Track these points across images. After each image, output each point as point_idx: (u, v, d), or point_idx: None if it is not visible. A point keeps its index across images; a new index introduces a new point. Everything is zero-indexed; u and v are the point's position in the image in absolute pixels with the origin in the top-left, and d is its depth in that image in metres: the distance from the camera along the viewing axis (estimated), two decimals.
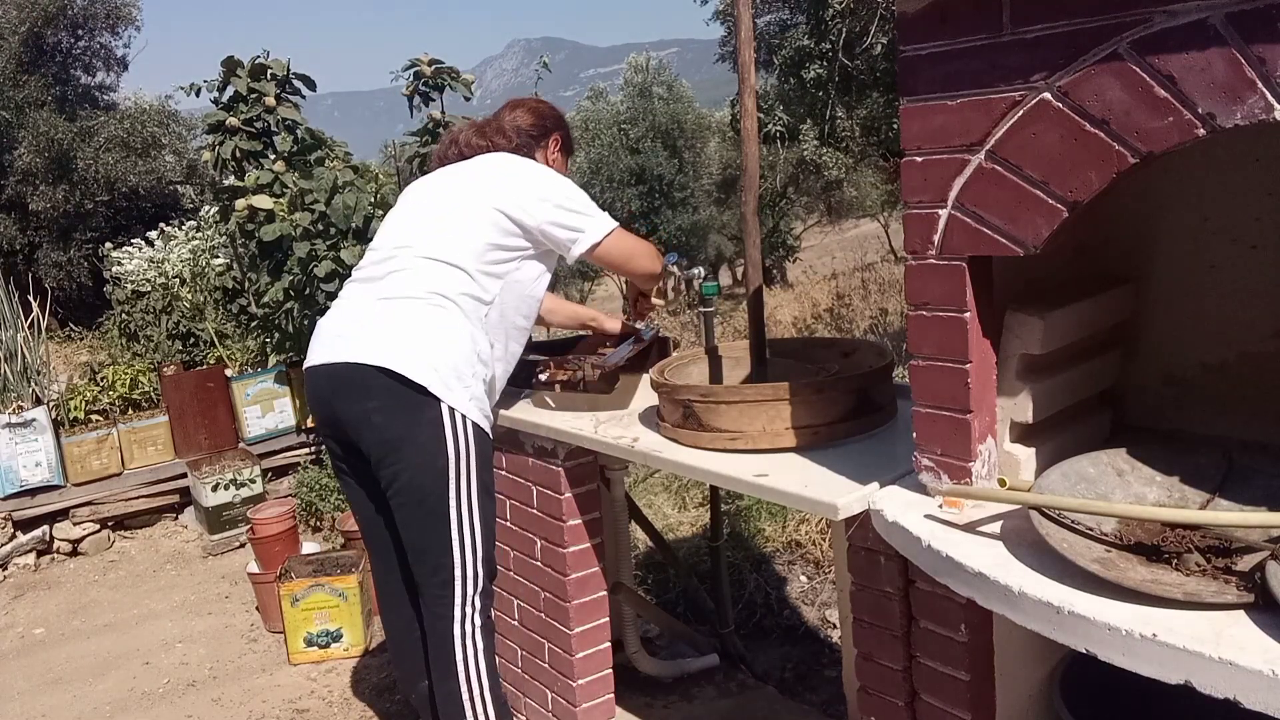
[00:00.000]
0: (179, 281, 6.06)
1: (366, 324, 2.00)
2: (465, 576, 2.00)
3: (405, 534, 2.03)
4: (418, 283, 2.01)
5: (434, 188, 2.20)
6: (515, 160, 2.20)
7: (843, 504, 1.54)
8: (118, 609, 3.92)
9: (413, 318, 1.98)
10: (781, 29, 11.90)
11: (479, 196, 2.09)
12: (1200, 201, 1.59)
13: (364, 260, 2.16)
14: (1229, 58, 1.07)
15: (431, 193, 2.19)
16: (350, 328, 2.02)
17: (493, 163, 2.19)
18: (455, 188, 2.15)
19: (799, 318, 9.36)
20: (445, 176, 2.21)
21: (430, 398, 1.93)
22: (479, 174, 2.16)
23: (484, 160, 2.21)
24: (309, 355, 2.09)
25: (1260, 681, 0.98)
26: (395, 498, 2.00)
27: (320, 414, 2.10)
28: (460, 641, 2.01)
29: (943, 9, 1.32)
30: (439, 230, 2.07)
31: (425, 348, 1.95)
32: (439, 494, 1.96)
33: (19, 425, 4.36)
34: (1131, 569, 1.22)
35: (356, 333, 2.00)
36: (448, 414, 1.95)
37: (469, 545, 2.00)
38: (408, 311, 1.99)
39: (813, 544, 3.51)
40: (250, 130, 4.87)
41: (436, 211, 2.12)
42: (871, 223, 20.43)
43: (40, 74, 13.04)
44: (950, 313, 1.40)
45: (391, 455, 1.95)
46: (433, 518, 1.97)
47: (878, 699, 1.63)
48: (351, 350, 1.97)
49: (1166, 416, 1.68)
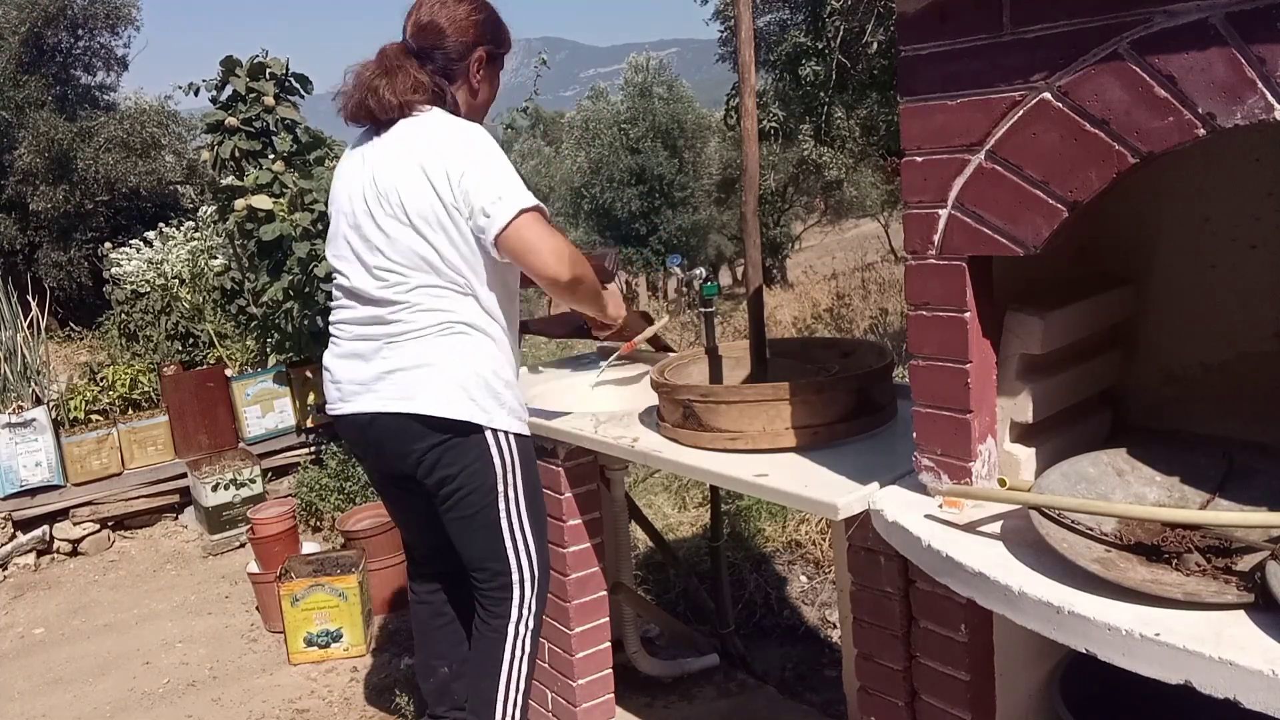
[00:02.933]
0: (178, 282, 6.07)
1: (386, 371, 1.97)
2: (524, 582, 2.05)
3: (461, 548, 2.07)
4: (417, 318, 1.95)
5: (369, 182, 1.97)
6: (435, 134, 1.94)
7: (843, 504, 1.54)
8: (118, 609, 3.92)
9: (430, 356, 1.94)
10: (781, 28, 11.90)
11: (421, 196, 1.90)
12: (1200, 201, 1.59)
13: (340, 284, 2.04)
14: (1229, 58, 1.07)
15: (371, 192, 1.96)
16: (369, 376, 1.99)
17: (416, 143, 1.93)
18: (393, 184, 1.93)
19: (799, 318, 9.35)
20: (376, 166, 1.97)
21: (474, 428, 1.96)
22: (407, 161, 1.92)
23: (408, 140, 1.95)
24: (331, 399, 2.09)
25: (1260, 681, 0.98)
26: (449, 513, 2.03)
27: (361, 453, 2.18)
28: (512, 645, 2.05)
29: (943, 9, 1.32)
30: (400, 247, 1.93)
31: (455, 380, 1.94)
32: (491, 508, 2.01)
33: (19, 425, 4.36)
34: (1131, 569, 1.22)
35: (380, 383, 1.97)
36: (491, 437, 1.98)
37: (523, 552, 2.05)
38: (423, 350, 1.95)
39: (813, 544, 3.51)
40: (249, 130, 4.86)
41: (386, 224, 1.94)
42: (871, 222, 20.43)
43: (40, 74, 13.03)
44: (950, 313, 1.40)
45: (445, 483, 1.99)
46: (487, 529, 2.02)
47: (878, 699, 1.64)
48: (383, 401, 1.97)
49: (1166, 416, 1.68)
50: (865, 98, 11.21)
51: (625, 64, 20.31)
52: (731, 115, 11.13)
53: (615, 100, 19.81)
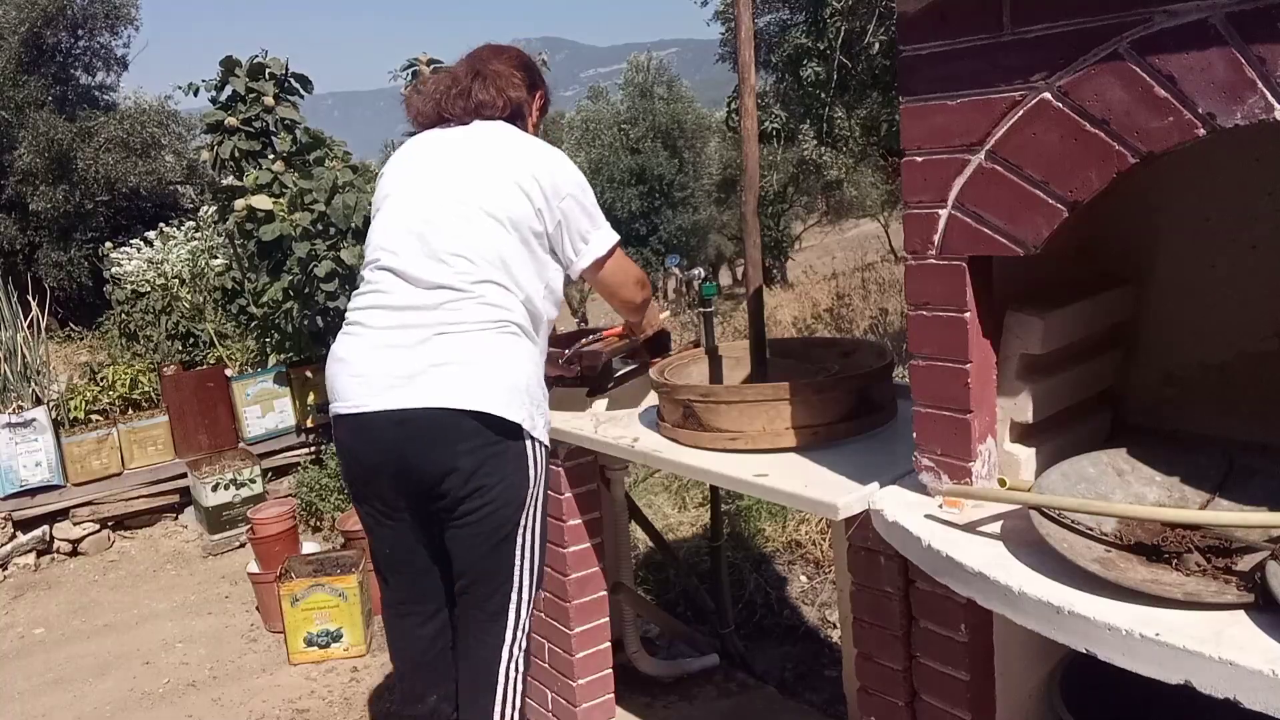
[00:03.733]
0: (178, 282, 6.07)
1: (439, 363, 1.81)
2: (521, 600, 1.94)
3: (469, 562, 1.92)
4: (478, 310, 1.85)
5: (449, 169, 1.95)
6: (534, 146, 2.00)
7: (843, 504, 1.54)
8: (118, 609, 3.92)
9: (487, 351, 1.84)
10: (782, 28, 11.91)
11: (509, 195, 1.90)
12: (1200, 201, 1.59)
13: (386, 264, 1.91)
14: (1229, 58, 1.07)
15: (450, 179, 1.93)
16: (415, 367, 1.81)
17: (509, 145, 1.97)
18: (478, 176, 1.92)
19: (799, 318, 9.35)
20: (458, 155, 1.97)
21: (520, 433, 1.85)
22: (499, 159, 1.94)
23: (497, 139, 1.99)
24: (349, 396, 1.87)
25: (1260, 681, 0.98)
26: (466, 528, 1.87)
27: (378, 460, 1.86)
28: (507, 664, 1.95)
29: (943, 9, 1.32)
30: (476, 237, 1.87)
31: (507, 381, 1.84)
32: (512, 523, 1.89)
33: (19, 425, 4.36)
34: (1131, 569, 1.22)
35: (425, 376, 1.80)
36: (530, 447, 1.88)
37: (528, 570, 1.94)
38: (480, 345, 1.83)
39: (813, 544, 3.51)
40: (249, 130, 4.87)
41: (465, 211, 1.89)
42: (871, 222, 20.42)
43: (40, 74, 13.04)
44: (950, 313, 1.40)
45: (477, 494, 1.83)
46: (505, 543, 1.89)
47: (878, 699, 1.63)
48: (427, 395, 1.79)
49: (1166, 416, 1.68)
50: (866, 98, 11.21)
51: (625, 64, 20.32)
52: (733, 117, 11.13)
53: (615, 100, 19.83)
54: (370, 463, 1.88)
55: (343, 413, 1.87)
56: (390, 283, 1.89)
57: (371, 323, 1.88)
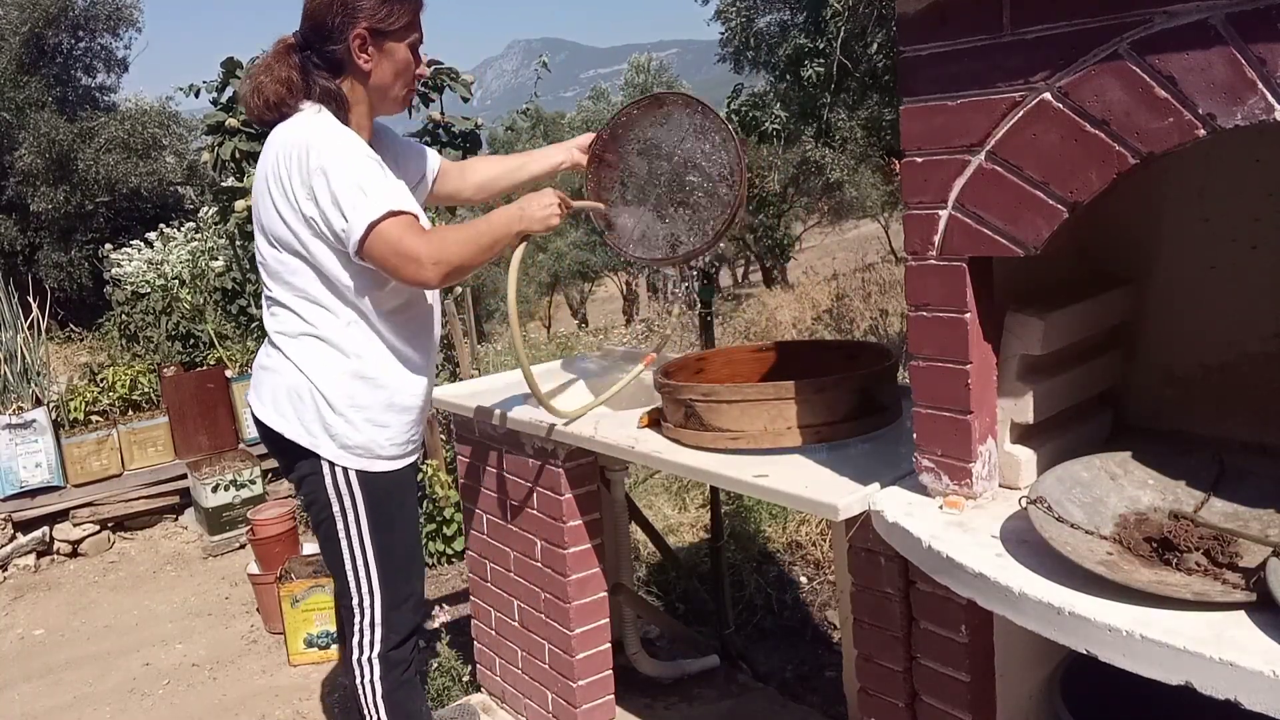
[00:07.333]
0: (179, 283, 6.06)
1: (258, 371, 1.97)
2: (362, 607, 1.94)
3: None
4: (280, 322, 1.89)
5: (257, 187, 1.88)
6: (277, 143, 1.81)
7: (843, 505, 1.54)
8: (118, 610, 3.92)
9: (283, 365, 1.89)
10: (782, 29, 11.90)
11: (264, 205, 1.83)
12: (1200, 202, 1.59)
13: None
14: (1229, 58, 1.07)
15: (256, 195, 1.88)
16: (255, 373, 2.00)
17: (265, 155, 1.83)
18: (257, 198, 1.86)
19: (799, 318, 9.35)
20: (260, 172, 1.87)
21: (307, 452, 1.89)
22: (260, 173, 1.85)
23: (271, 152, 1.83)
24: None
25: (1261, 682, 0.98)
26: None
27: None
28: (359, 674, 1.96)
29: (943, 9, 1.32)
30: (269, 251, 1.86)
31: (294, 398, 1.87)
32: (331, 529, 1.93)
33: (19, 426, 4.36)
34: (1135, 570, 1.22)
35: (255, 380, 1.98)
36: (327, 469, 1.89)
37: (364, 577, 1.93)
38: (279, 360, 1.90)
39: (813, 545, 3.51)
40: (250, 131, 4.86)
41: (259, 236, 1.88)
42: (872, 223, 20.40)
43: (41, 75, 13.03)
44: (950, 313, 1.40)
45: (300, 492, 1.98)
46: (330, 543, 1.94)
47: (878, 700, 1.63)
48: (253, 398, 1.98)
49: (1166, 416, 1.68)
50: (866, 98, 11.20)
51: (626, 64, 20.33)
52: (733, 118, 11.15)
53: (616, 101, 19.81)
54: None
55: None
56: None
57: None
